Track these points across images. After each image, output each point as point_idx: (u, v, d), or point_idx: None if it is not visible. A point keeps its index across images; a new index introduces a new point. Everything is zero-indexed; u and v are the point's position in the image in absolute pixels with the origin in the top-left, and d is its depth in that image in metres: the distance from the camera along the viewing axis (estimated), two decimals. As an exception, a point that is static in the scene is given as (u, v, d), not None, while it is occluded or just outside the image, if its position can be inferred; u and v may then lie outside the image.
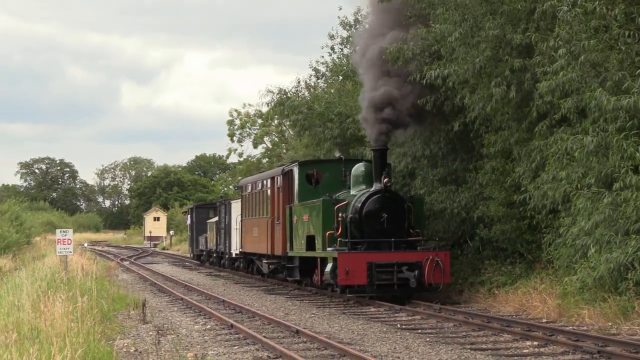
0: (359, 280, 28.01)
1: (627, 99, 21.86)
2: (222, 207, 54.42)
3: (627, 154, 22.27)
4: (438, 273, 28.01)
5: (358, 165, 31.90)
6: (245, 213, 44.62)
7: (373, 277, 28.00)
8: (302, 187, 33.77)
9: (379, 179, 29.23)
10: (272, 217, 37.33)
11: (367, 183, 30.57)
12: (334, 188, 32.32)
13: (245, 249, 44.89)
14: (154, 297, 33.50)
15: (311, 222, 31.54)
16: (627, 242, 21.75)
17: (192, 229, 68.13)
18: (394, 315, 25.08)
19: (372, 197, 29.17)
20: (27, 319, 17.93)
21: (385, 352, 18.02)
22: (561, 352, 17.77)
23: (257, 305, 29.29)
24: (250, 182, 44.79)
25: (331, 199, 30.61)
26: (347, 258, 28.04)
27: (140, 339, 20.98)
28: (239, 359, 17.41)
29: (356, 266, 27.86)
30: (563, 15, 23.83)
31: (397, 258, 28.38)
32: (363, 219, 29.05)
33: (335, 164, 34.39)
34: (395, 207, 29.26)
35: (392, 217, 29.06)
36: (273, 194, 37.66)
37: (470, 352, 17.86)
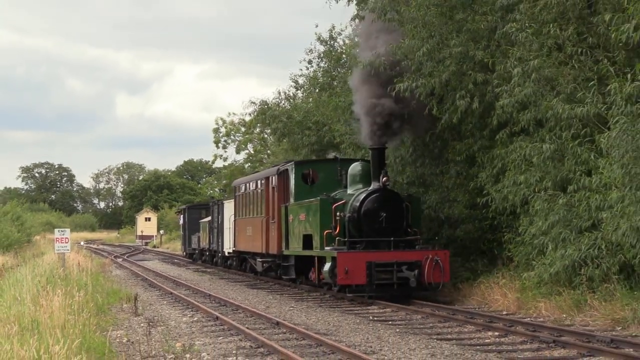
0: (358, 279, 26.17)
1: (580, 108, 22.01)
2: (214, 207, 52.81)
3: (580, 159, 22.50)
4: (438, 272, 26.11)
5: (355, 165, 30.05)
6: (238, 213, 42.67)
7: (372, 276, 26.15)
8: (298, 187, 31.90)
9: (378, 177, 27.54)
10: (267, 217, 35.48)
11: (364, 182, 28.87)
12: (329, 187, 30.64)
13: (238, 247, 42.97)
14: (145, 292, 33.44)
15: (308, 221, 29.70)
16: (580, 240, 21.90)
17: (184, 229, 66.24)
18: (366, 309, 25.08)
19: (371, 196, 27.43)
20: (27, 312, 17.88)
21: (359, 342, 18.03)
22: (520, 342, 17.82)
23: (240, 299, 29.25)
24: (244, 182, 42.89)
25: (329, 197, 28.96)
26: (347, 257, 26.24)
27: (132, 330, 20.95)
28: (224, 349, 17.38)
29: (355, 266, 26.04)
30: (516, 37, 23.99)
31: (397, 257, 26.49)
32: (362, 218, 27.30)
33: (330, 163, 32.53)
34: (394, 206, 27.51)
35: (390, 216, 27.32)
36: (268, 193, 35.84)
37: (437, 342, 17.89)
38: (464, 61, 27.64)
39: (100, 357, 15.22)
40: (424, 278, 26.05)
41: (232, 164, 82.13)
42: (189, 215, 63.78)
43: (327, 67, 53.97)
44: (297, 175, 31.90)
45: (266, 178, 36.24)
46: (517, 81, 23.62)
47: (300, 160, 36.81)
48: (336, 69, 52.34)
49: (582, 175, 22.42)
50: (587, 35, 23.26)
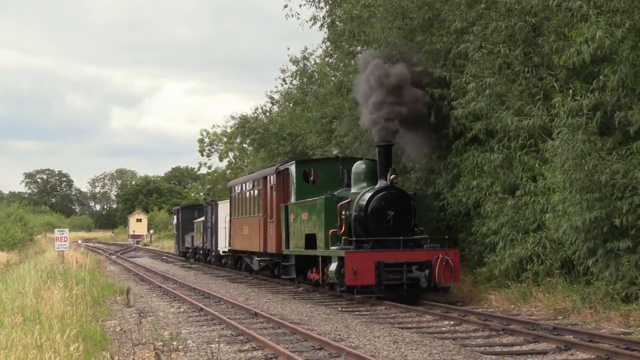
0: (366, 280, 23.11)
1: (527, 120, 22.13)
2: (208, 208, 49.67)
3: (527, 166, 22.68)
4: (448, 272, 23.12)
5: (359, 163, 26.97)
6: (234, 212, 39.58)
7: (381, 277, 23.10)
8: (300, 186, 28.69)
9: (385, 175, 24.44)
10: (265, 216, 32.48)
11: (368, 180, 25.87)
12: (331, 186, 27.32)
13: (234, 246, 39.80)
14: (137, 285, 33.32)
15: (311, 220, 26.47)
16: (526, 239, 22.06)
17: (178, 228, 62.67)
18: (335, 300, 25.06)
19: (378, 194, 24.33)
20: (30, 304, 17.82)
21: (329, 331, 18.04)
22: (472, 330, 17.87)
23: (222, 292, 29.20)
24: (240, 182, 39.61)
25: (333, 196, 25.73)
26: (355, 257, 23.14)
27: (125, 320, 20.89)
28: (207, 337, 17.34)
29: (364, 266, 22.97)
30: (472, 56, 24.10)
31: (407, 257, 23.39)
32: (369, 217, 24.21)
33: (332, 162, 29.17)
34: (402, 205, 24.37)
35: (398, 215, 24.20)
36: (265, 193, 32.79)
37: (399, 330, 17.92)
38: (424, 77, 27.73)
39: (95, 345, 15.18)
40: (434, 278, 23.16)
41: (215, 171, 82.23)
42: (183, 216, 60.68)
43: (299, 84, 54.11)
44: (298, 174, 28.93)
45: (264, 178, 33.41)
46: (472, 95, 23.73)
47: (301, 159, 33.81)
48: (308, 85, 52.50)
49: (528, 180, 22.60)
50: (532, 55, 23.41)
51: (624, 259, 18.74)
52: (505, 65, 23.86)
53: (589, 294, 19.35)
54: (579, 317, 18.60)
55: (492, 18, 24.38)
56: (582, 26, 18.97)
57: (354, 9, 31.16)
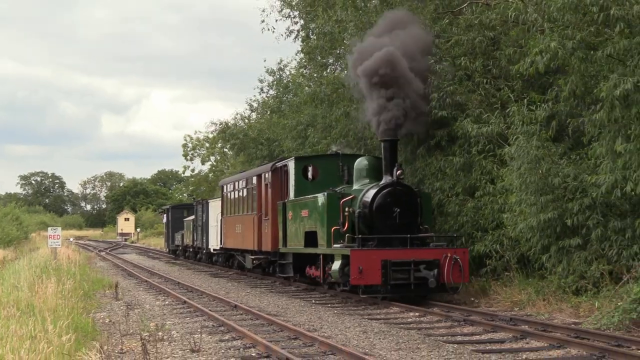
0: (372, 279, 20.87)
1: (486, 127, 22.20)
2: (199, 207, 46.87)
3: (485, 169, 22.68)
4: (457, 272, 21.01)
5: (361, 159, 24.76)
6: (226, 211, 36.90)
7: (388, 276, 20.92)
8: (298, 183, 26.21)
9: (390, 171, 22.27)
10: (260, 214, 29.97)
11: (371, 177, 23.66)
12: (330, 183, 25.00)
13: (226, 245, 37.03)
14: (124, 280, 33.18)
15: (312, 217, 24.11)
16: (486, 237, 22.13)
17: (168, 227, 59.90)
18: (309, 294, 25.03)
19: (383, 190, 22.06)
20: (24, 297, 17.70)
21: (303, 322, 18.01)
22: (436, 321, 17.90)
23: (204, 286, 29.12)
24: (232, 181, 36.51)
25: (336, 192, 23.37)
26: (361, 255, 20.88)
27: (114, 312, 20.79)
28: (190, 328, 17.29)
29: (370, 264, 20.75)
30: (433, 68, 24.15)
31: (414, 255, 21.23)
32: (374, 214, 21.94)
33: (331, 158, 26.70)
34: (408, 202, 22.18)
35: (404, 212, 21.98)
36: (260, 190, 30.18)
37: (368, 321, 17.92)
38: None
39: (86, 335, 15.09)
40: (443, 278, 21.01)
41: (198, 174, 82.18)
42: (173, 215, 57.69)
43: (276, 94, 54.27)
44: (297, 171, 26.36)
45: (258, 175, 30.74)
46: (434, 104, 23.78)
47: (300, 155, 31.11)
48: (284, 95, 52.64)
49: (487, 183, 22.65)
50: (491, 67, 23.48)
51: (574, 255, 18.89)
52: (465, 76, 23.93)
53: (542, 287, 19.50)
54: (533, 308, 18.66)
55: (454, 33, 24.44)
56: (537, 38, 19.07)
57: (326, 25, 31.24)
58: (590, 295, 17.99)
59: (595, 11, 17.22)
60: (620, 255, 17.77)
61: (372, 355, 13.00)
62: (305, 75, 44.34)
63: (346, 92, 29.49)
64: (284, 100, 51.79)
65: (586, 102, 18.26)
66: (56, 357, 10.60)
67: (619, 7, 17.01)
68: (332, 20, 30.68)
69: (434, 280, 20.81)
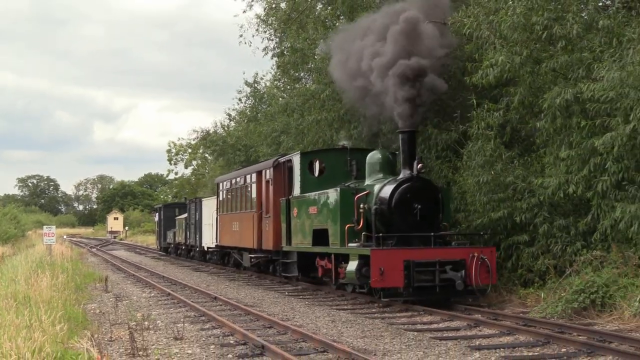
0: (394, 281, 17.69)
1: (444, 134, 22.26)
2: (192, 205, 43.92)
3: (442, 173, 22.72)
4: (485, 272, 17.93)
5: (374, 153, 21.39)
6: (222, 208, 33.67)
7: (411, 277, 17.68)
8: (305, 178, 23.08)
9: (409, 164, 19.01)
10: (260, 211, 27.00)
11: (384, 171, 20.54)
12: (338, 178, 22.13)
13: (222, 242, 33.83)
14: (114, 274, 32.98)
15: (322, 214, 20.99)
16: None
17: (159, 225, 56.64)
18: (283, 287, 24.95)
19: (403, 185, 18.81)
20: (21, 290, 17.53)
21: (277, 312, 17.96)
22: (398, 311, 17.88)
23: (187, 279, 28.98)
24: (229, 178, 33.24)
25: (350, 188, 20.36)
26: (382, 255, 17.63)
27: (104, 303, 20.64)
28: (174, 317, 17.19)
29: (392, 265, 17.54)
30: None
31: (440, 255, 17.99)
32: (392, 210, 18.70)
33: (339, 153, 23.41)
34: (430, 197, 18.94)
35: (425, 208, 18.72)
36: (260, 187, 27.13)
37: (336, 311, 17.90)
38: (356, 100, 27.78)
39: (78, 325, 14.97)
40: (470, 280, 17.93)
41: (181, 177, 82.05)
42: (164, 214, 54.58)
43: (252, 104, 54.36)
44: (302, 166, 23.24)
45: (258, 172, 27.57)
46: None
47: (306, 150, 26.58)
48: (260, 105, 52.71)
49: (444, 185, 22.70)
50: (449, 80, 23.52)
51: (522, 250, 18.99)
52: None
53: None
54: (486, 299, 18.69)
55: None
56: (490, 52, 19.18)
57: (298, 42, 31.35)
58: (536, 287, 18.09)
59: (540, 30, 17.38)
60: (564, 250, 17.90)
61: (340, 342, 12.96)
62: (279, 88, 44.45)
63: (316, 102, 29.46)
64: (259, 110, 51.84)
65: (534, 111, 18.37)
66: (50, 345, 10.49)
67: (561, 27, 17.21)
68: (303, 38, 30.76)
69: (461, 282, 17.78)
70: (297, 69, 34.52)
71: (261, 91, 53.34)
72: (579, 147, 16.97)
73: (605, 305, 15.30)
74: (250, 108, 54.36)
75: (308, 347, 12.88)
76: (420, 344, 13.01)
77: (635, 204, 15.59)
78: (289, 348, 12.69)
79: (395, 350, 12.35)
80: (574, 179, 16.98)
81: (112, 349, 12.75)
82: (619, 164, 16.10)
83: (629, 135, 15.47)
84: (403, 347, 12.71)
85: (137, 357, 12.13)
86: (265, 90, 52.16)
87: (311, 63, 31.09)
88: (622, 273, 15.78)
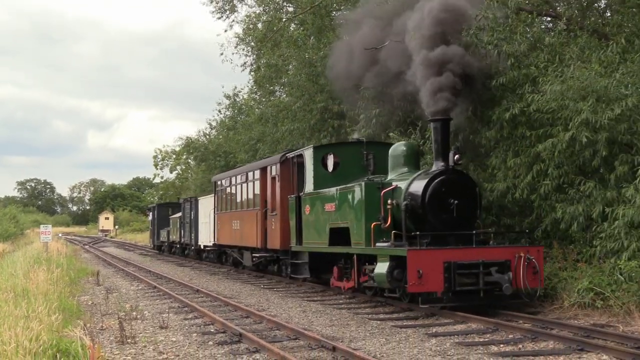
0: (434, 285, 14.32)
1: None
2: (186, 204, 40.54)
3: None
4: (532, 274, 14.61)
5: (397, 145, 17.85)
6: (220, 207, 30.34)
7: (453, 281, 14.32)
8: (318, 174, 19.54)
9: (444, 155, 15.78)
10: (264, 209, 23.70)
11: (409, 165, 17.16)
12: (353, 174, 18.92)
13: (221, 241, 30.25)
14: (104, 269, 32.75)
15: (342, 211, 17.47)
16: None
17: (153, 224, 53.39)
18: (259, 280, 24.91)
19: (437, 178, 15.45)
20: (20, 283, 17.34)
21: (254, 303, 17.92)
22: (362, 302, 17.83)
23: (172, 273, 28.86)
24: (228, 176, 29.74)
25: (375, 182, 16.71)
26: (420, 256, 14.29)
27: (95, 295, 20.49)
28: (160, 308, 17.10)
29: (431, 267, 14.21)
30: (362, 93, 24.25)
31: (483, 256, 14.64)
32: (426, 207, 15.31)
33: (354, 146, 20.04)
34: (467, 192, 15.61)
35: (462, 204, 15.40)
36: (264, 184, 23.74)
37: (307, 302, 17.88)
38: (325, 112, 27.87)
39: (72, 315, 14.85)
40: (517, 283, 14.59)
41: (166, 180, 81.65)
42: (158, 213, 51.52)
43: (231, 114, 54.45)
44: (316, 161, 19.66)
45: (262, 169, 24.21)
46: (363, 124, 23.81)
47: (319, 144, 22.82)
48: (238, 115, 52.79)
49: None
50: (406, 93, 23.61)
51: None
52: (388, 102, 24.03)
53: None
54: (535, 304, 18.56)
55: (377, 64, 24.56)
56: None
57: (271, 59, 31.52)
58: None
59: (490, 48, 17.50)
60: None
61: (311, 331, 12.97)
62: (256, 100, 44.54)
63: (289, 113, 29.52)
64: (237, 120, 51.92)
65: (484, 121, 18.47)
66: (46, 334, 10.41)
67: (509, 45, 17.35)
68: (277, 55, 30.86)
69: (509, 285, 14.36)
70: (272, 83, 34.75)
71: (239, 103, 53.38)
72: (524, 155, 17.13)
73: (548, 296, 15.43)
74: (230, 118, 54.43)
75: (281, 334, 12.87)
76: (382, 331, 13.04)
77: (574, 205, 15.77)
78: (264, 336, 12.67)
79: (360, 337, 12.37)
80: (520, 184, 17.12)
81: (103, 337, 12.67)
82: (559, 170, 16.27)
83: (567, 142, 15.68)
84: (367, 334, 12.73)
85: (126, 345, 12.07)
86: (243, 102, 52.22)
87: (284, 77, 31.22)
88: (562, 267, 15.92)
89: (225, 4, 35.24)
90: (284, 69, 31.32)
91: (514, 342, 11.75)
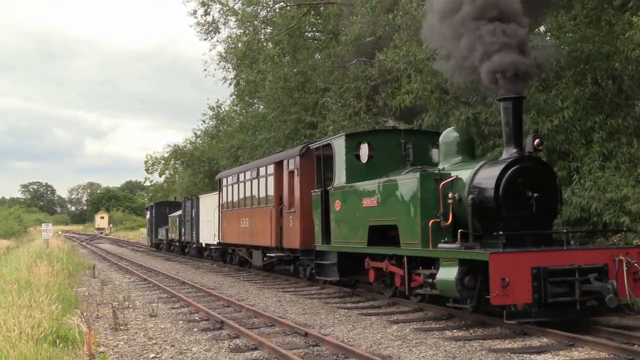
0: (521, 296, 10.24)
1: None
2: (187, 203, 36.48)
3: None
4: (634, 281, 10.62)
5: (449, 131, 13.74)
6: (226, 204, 26.24)
7: (543, 291, 10.29)
8: (351, 165, 15.29)
9: (517, 140, 11.61)
10: (279, 206, 20.22)
11: (463, 153, 13.12)
12: (390, 165, 14.92)
13: (226, 239, 26.28)
14: (100, 263, 32.48)
15: (387, 206, 13.41)
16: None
17: (151, 223, 49.68)
18: (238, 273, 24.83)
19: (512, 167, 11.36)
20: (23, 276, 17.20)
21: (234, 294, 17.86)
22: (332, 293, 17.76)
23: (160, 267, 28.70)
24: (235, 173, 25.38)
25: (433, 173, 12.43)
26: (506, 261, 10.23)
27: (92, 287, 20.32)
28: (150, 298, 17.00)
29: (517, 274, 10.21)
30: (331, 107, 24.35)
31: (578, 259, 10.60)
32: (500, 201, 11.29)
33: (391, 135, 15.66)
34: (547, 183, 11.52)
35: (544, 198, 11.31)
36: (280, 179, 20.12)
37: (282, 293, 17.85)
38: (298, 122, 27.88)
39: (70, 304, 14.73)
40: (620, 292, 10.50)
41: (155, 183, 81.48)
42: (156, 212, 47.69)
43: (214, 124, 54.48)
44: (348, 151, 15.36)
45: (277, 163, 20.42)
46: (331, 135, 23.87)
47: (352, 132, 17.22)
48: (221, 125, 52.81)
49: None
50: (372, 107, 23.74)
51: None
52: (354, 113, 24.13)
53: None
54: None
55: (345, 81, 24.67)
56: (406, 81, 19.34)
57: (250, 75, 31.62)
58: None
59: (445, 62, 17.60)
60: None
61: (285, 318, 12.96)
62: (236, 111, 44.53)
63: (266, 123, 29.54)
64: (220, 129, 51.91)
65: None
66: (47, 322, 10.34)
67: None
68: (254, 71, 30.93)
69: (614, 296, 10.29)
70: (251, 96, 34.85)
71: (222, 114, 53.35)
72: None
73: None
74: (213, 127, 54.40)
75: (259, 322, 12.85)
76: (349, 319, 13.05)
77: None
78: (244, 323, 12.64)
79: (329, 324, 12.38)
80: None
81: (99, 325, 12.59)
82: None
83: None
84: (336, 321, 12.74)
85: (119, 331, 12.00)
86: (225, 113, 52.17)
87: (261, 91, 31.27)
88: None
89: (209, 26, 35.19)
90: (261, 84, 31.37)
91: (465, 328, 11.79)
